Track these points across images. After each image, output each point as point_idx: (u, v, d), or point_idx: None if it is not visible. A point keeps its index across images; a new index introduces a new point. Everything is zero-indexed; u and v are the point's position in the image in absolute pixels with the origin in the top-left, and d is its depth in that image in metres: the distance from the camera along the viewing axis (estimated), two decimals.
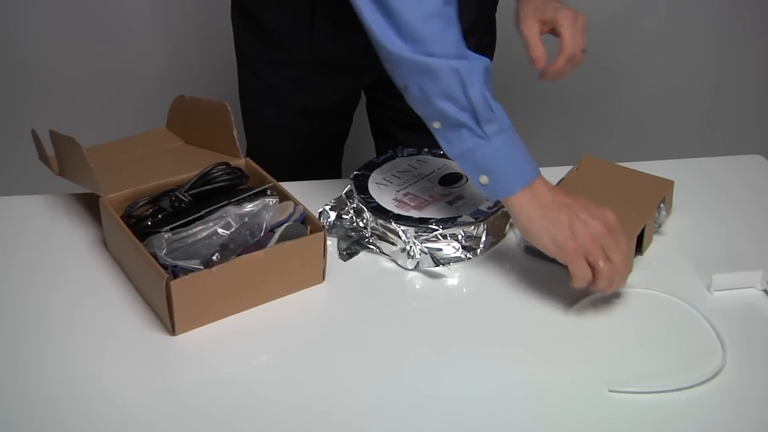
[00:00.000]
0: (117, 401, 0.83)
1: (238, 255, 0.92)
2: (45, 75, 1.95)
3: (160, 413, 0.82)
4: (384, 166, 1.14)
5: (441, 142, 0.95)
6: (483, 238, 1.03)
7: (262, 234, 0.95)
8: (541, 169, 1.18)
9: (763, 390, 0.86)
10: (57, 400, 0.83)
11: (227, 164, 1.04)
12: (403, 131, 1.36)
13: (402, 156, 1.16)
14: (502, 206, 1.05)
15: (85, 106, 1.99)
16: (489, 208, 1.05)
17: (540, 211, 0.92)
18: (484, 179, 0.94)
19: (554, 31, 1.04)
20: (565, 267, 0.92)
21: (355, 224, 1.06)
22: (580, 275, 0.91)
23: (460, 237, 1.02)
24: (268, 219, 0.97)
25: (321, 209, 1.08)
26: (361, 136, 1.50)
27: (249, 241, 0.95)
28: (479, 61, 0.93)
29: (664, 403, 0.84)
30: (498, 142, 0.93)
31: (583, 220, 0.91)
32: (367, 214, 1.05)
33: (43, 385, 0.85)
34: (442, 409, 0.84)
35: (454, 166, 1.14)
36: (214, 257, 0.92)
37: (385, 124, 1.40)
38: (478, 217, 1.03)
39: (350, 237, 1.06)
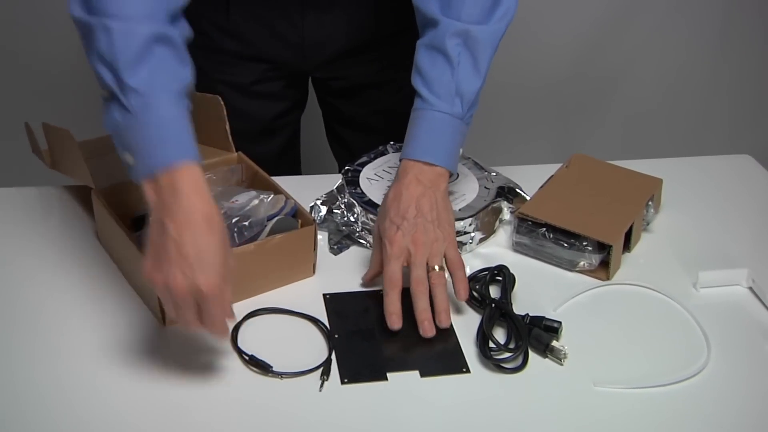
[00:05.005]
0: (108, 391, 0.84)
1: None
2: (39, 68, 1.95)
3: (150, 403, 0.83)
4: (375, 161, 1.14)
5: None
6: (472, 234, 1.04)
7: (253, 227, 0.96)
8: (532, 167, 1.20)
9: (746, 385, 0.87)
10: (48, 389, 0.84)
11: None
12: (347, 129, 1.37)
13: (393, 151, 1.17)
14: (493, 202, 1.06)
15: (79, 100, 1.99)
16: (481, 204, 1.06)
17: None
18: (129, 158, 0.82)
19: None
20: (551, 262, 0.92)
21: (345, 219, 1.06)
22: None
23: None
24: (259, 213, 0.98)
25: (312, 203, 1.08)
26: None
27: (240, 234, 0.95)
28: None
29: (649, 399, 0.85)
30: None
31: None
32: (357, 209, 1.05)
33: (35, 374, 0.85)
34: (431, 404, 0.85)
35: None
36: None
37: (328, 121, 1.40)
38: (468, 213, 1.04)
39: (341, 231, 1.06)
